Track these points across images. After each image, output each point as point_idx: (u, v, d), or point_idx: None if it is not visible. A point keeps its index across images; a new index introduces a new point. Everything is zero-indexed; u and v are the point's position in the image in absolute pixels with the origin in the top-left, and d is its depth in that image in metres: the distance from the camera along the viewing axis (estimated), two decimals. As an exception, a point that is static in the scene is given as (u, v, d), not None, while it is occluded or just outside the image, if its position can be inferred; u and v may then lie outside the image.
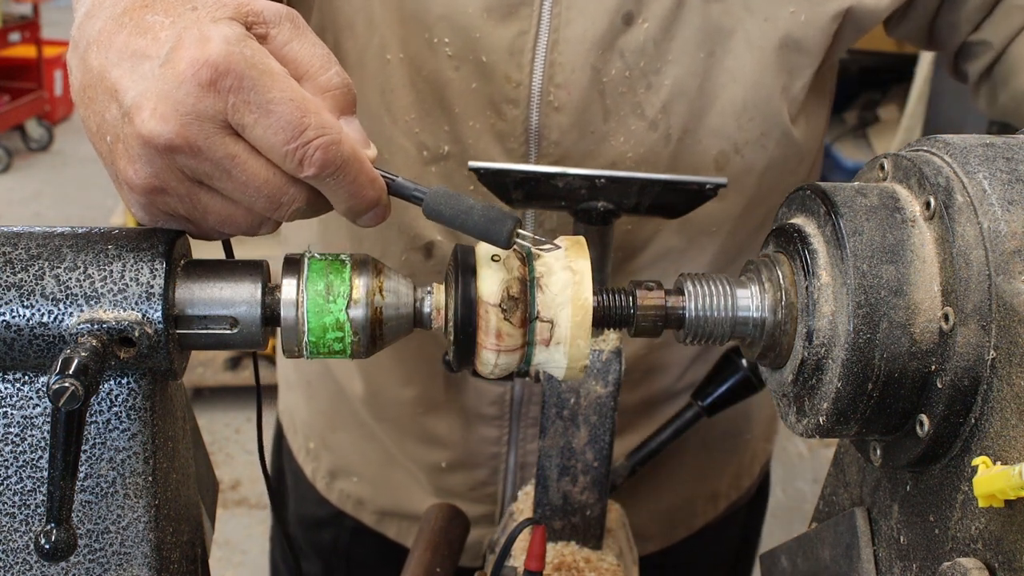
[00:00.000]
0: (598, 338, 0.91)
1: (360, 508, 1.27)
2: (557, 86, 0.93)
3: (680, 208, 0.92)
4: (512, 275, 0.57)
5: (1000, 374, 0.49)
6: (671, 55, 0.93)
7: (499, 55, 0.93)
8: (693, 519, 1.26)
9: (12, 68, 6.22)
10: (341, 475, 1.27)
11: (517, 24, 0.92)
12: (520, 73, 0.93)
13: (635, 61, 0.93)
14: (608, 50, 0.92)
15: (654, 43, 0.93)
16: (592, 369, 0.90)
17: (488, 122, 0.96)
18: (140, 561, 0.59)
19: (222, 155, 0.55)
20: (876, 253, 0.53)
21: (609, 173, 0.87)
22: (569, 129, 0.95)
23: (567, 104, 0.94)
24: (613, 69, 0.93)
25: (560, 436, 0.91)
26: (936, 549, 0.53)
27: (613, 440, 0.92)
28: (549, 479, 0.92)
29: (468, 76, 0.94)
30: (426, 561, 0.93)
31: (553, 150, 0.96)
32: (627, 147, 0.96)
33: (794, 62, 0.96)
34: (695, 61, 0.94)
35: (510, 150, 0.96)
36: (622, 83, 0.94)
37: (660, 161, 0.97)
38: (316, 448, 1.29)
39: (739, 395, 1.06)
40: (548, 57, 0.92)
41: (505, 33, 0.92)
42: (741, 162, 0.99)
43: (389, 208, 0.62)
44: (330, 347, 0.58)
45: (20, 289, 0.55)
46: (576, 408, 0.91)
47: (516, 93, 0.94)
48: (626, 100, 0.94)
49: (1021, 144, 0.54)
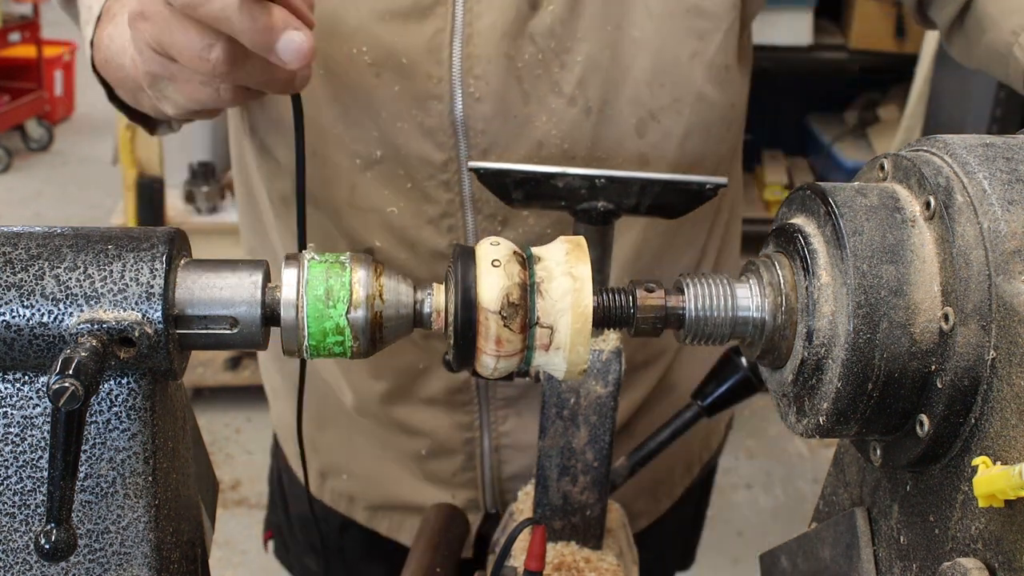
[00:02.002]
0: (598, 338, 0.91)
1: (352, 506, 1.29)
2: (476, 77, 0.96)
3: (680, 208, 0.92)
4: (512, 281, 0.57)
5: (1000, 374, 0.49)
6: (579, 33, 0.97)
7: (418, 54, 0.96)
8: (674, 488, 1.31)
9: (12, 68, 6.21)
10: (331, 474, 1.29)
11: (433, 23, 0.96)
12: (440, 69, 0.96)
13: (546, 43, 0.96)
14: (519, 36, 0.96)
15: (561, 23, 0.96)
16: (592, 369, 0.90)
17: (415, 120, 0.98)
18: (140, 561, 0.59)
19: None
20: (876, 253, 0.53)
21: (609, 173, 0.88)
22: (493, 117, 0.97)
23: (487, 93, 0.97)
24: (526, 54, 0.97)
25: (560, 436, 0.91)
26: (936, 549, 0.53)
27: (613, 440, 0.92)
28: (549, 479, 0.92)
29: (390, 80, 0.97)
30: (426, 561, 0.93)
31: (481, 139, 0.99)
32: (550, 125, 0.99)
33: (700, 27, 0.99)
34: (603, 35, 0.97)
35: (440, 144, 0.99)
36: (536, 66, 0.97)
37: (583, 135, 1.00)
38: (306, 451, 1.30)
39: (739, 395, 1.06)
40: (464, 50, 0.96)
41: (422, 33, 0.96)
42: (659, 128, 1.02)
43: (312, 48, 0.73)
44: (330, 350, 0.58)
45: (20, 289, 0.55)
46: (576, 408, 0.91)
47: (439, 88, 0.97)
48: (542, 81, 0.97)
49: (1021, 144, 0.54)
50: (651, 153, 1.03)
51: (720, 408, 1.06)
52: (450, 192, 1.02)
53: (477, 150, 0.99)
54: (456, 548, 0.99)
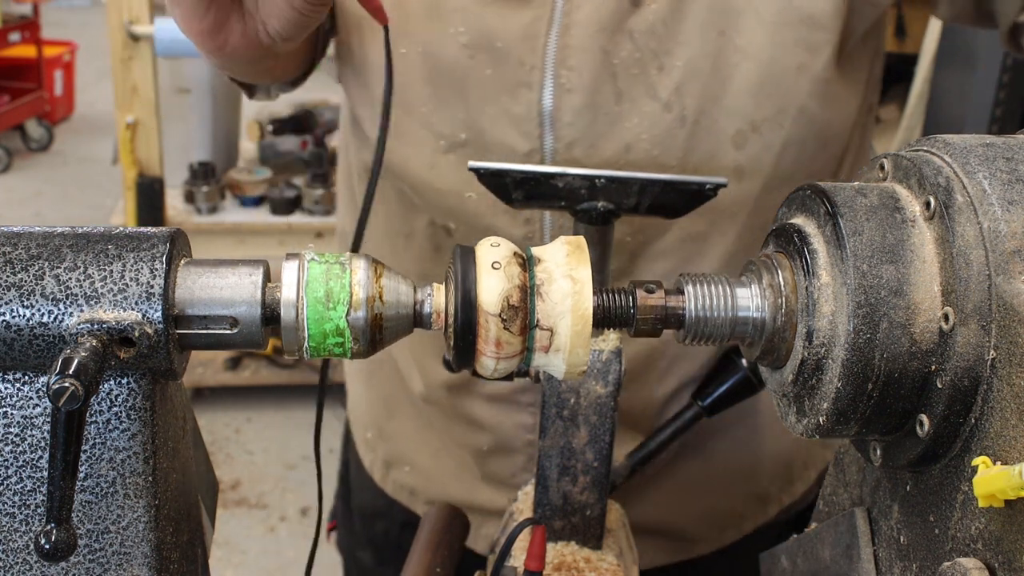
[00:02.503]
0: (598, 338, 0.91)
1: (413, 498, 1.29)
2: (569, 69, 0.95)
3: (680, 208, 0.92)
4: (512, 284, 0.57)
5: (1000, 374, 0.49)
6: (681, 36, 0.94)
7: (513, 40, 0.95)
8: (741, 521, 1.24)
9: (12, 68, 6.22)
10: (396, 464, 1.29)
11: (532, 10, 0.95)
12: (534, 57, 0.95)
13: (645, 43, 0.94)
14: (617, 32, 0.94)
15: (663, 24, 0.94)
16: (592, 369, 0.90)
17: (503, 107, 0.97)
18: (140, 561, 0.59)
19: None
20: (876, 253, 0.53)
21: (609, 173, 0.88)
22: (582, 110, 0.96)
23: (578, 86, 0.95)
24: (623, 51, 0.95)
25: (560, 436, 0.91)
26: (936, 549, 0.53)
27: (613, 440, 0.92)
28: (549, 479, 0.92)
29: (483, 63, 0.96)
30: (426, 561, 0.93)
31: (567, 132, 0.97)
32: (641, 129, 0.97)
33: (811, 38, 0.96)
34: (707, 41, 0.94)
35: (525, 133, 0.98)
36: (633, 65, 0.95)
37: (675, 143, 0.97)
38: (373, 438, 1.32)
39: (739, 395, 1.06)
40: (560, 41, 0.94)
41: (520, 19, 0.95)
42: (759, 140, 0.99)
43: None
44: (330, 351, 0.58)
45: (20, 289, 0.55)
46: (576, 408, 0.91)
47: (530, 76, 0.96)
48: (638, 82, 0.95)
49: (1021, 144, 0.54)
50: (748, 166, 1.00)
51: (720, 408, 1.06)
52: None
53: (562, 143, 0.98)
54: (456, 548, 0.99)
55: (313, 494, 3.26)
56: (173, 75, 3.51)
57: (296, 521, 3.15)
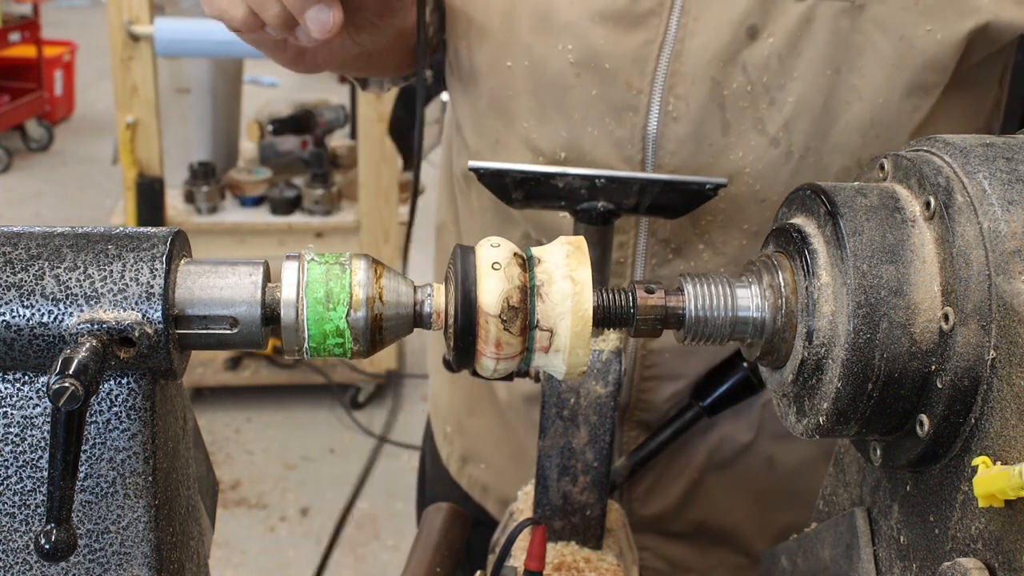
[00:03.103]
0: (598, 338, 0.91)
1: (485, 495, 1.29)
2: (677, 96, 0.94)
3: (680, 208, 0.92)
4: (512, 284, 0.57)
5: (1000, 374, 0.49)
6: (796, 71, 0.92)
7: (622, 62, 0.94)
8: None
9: (12, 68, 6.22)
10: (472, 460, 1.30)
11: (644, 33, 0.93)
12: (642, 81, 0.94)
13: (758, 76, 0.92)
14: (730, 63, 0.92)
15: (779, 58, 0.92)
16: (592, 369, 0.90)
17: (607, 129, 0.96)
18: (140, 561, 0.59)
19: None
20: (876, 253, 0.53)
21: (609, 173, 0.87)
22: (686, 140, 0.95)
23: (685, 115, 0.94)
24: (735, 83, 0.93)
25: (560, 436, 0.91)
26: (936, 549, 0.53)
27: (613, 440, 0.92)
28: (549, 479, 0.92)
29: (589, 82, 0.95)
30: (426, 561, 0.93)
31: (669, 159, 0.96)
32: (745, 162, 0.95)
33: (928, 80, 0.94)
34: (820, 78, 0.92)
35: (627, 157, 0.97)
36: (743, 97, 0.93)
37: (779, 178, 0.96)
38: (452, 432, 1.33)
39: (739, 395, 1.06)
40: (670, 67, 0.93)
41: (631, 41, 0.93)
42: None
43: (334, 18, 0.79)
44: (330, 351, 0.58)
45: (20, 289, 0.55)
46: (576, 408, 0.91)
47: (637, 100, 0.94)
48: (747, 115, 0.94)
49: (1021, 144, 0.54)
50: None
51: (720, 408, 1.06)
52: None
53: (663, 170, 0.96)
54: (456, 548, 0.99)
55: (313, 494, 3.26)
56: (173, 75, 3.52)
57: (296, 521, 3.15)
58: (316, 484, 3.32)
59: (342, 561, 3.00)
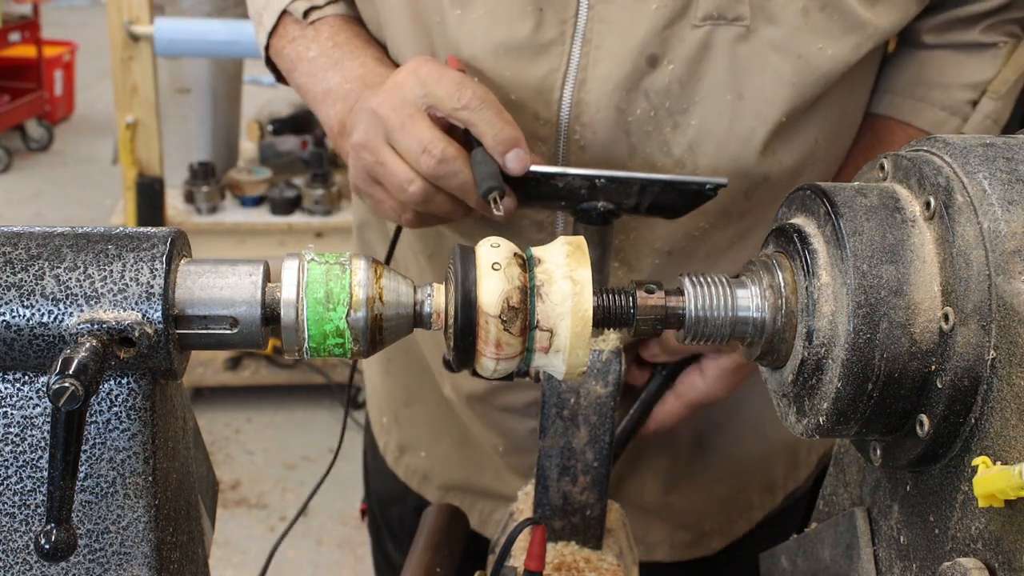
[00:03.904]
0: (598, 338, 0.91)
1: (425, 483, 1.31)
2: (583, 124, 0.95)
3: (680, 208, 0.92)
4: (512, 285, 0.57)
5: (1000, 374, 0.49)
6: (698, 95, 0.94)
7: (528, 93, 0.95)
8: (751, 511, 1.27)
9: (12, 68, 6.22)
10: (409, 450, 1.31)
11: (547, 63, 0.94)
12: (548, 111, 0.95)
13: (660, 102, 0.94)
14: (632, 91, 0.94)
15: (680, 84, 0.94)
16: (592, 369, 0.90)
17: None
18: (140, 561, 0.59)
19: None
20: (876, 253, 0.53)
21: (609, 173, 0.88)
22: (594, 167, 0.96)
23: (592, 142, 0.96)
24: (638, 109, 0.95)
25: (560, 436, 0.91)
26: (936, 549, 0.53)
27: (613, 440, 0.92)
28: (549, 479, 0.92)
29: None
30: (426, 561, 0.93)
31: None
32: None
33: (825, 95, 0.97)
34: (722, 102, 0.94)
35: None
36: (648, 122, 0.95)
37: None
38: (388, 423, 1.34)
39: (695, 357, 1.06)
40: (575, 96, 0.94)
41: (535, 71, 0.95)
42: (769, 190, 1.00)
43: (529, 157, 0.87)
44: (330, 351, 0.58)
45: (20, 289, 0.55)
46: (576, 408, 0.91)
47: (544, 130, 0.96)
48: (652, 139, 0.96)
49: (1021, 144, 0.54)
50: (754, 211, 1.01)
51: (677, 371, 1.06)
52: (542, 233, 1.01)
53: None
54: (456, 548, 0.99)
55: (313, 494, 3.26)
56: (173, 75, 3.51)
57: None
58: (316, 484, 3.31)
59: (342, 561, 2.99)
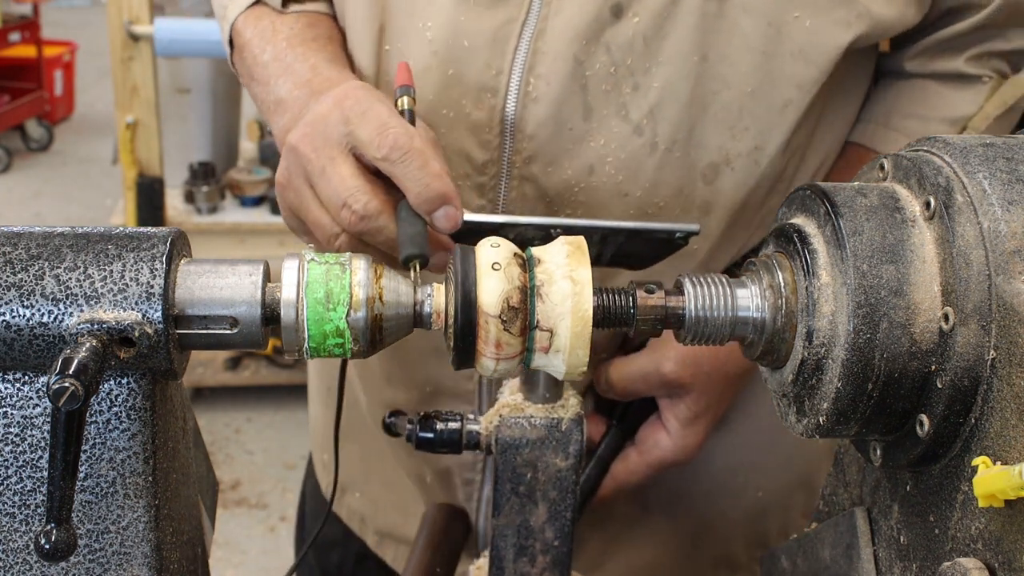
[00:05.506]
0: (556, 403, 0.84)
1: (364, 527, 1.23)
2: (537, 76, 0.90)
3: (647, 258, 0.86)
4: (513, 285, 0.57)
5: (1000, 374, 0.49)
6: (662, 55, 0.89)
7: (483, 40, 0.90)
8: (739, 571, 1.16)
9: (12, 68, 6.21)
10: (348, 489, 1.23)
11: (506, 11, 0.90)
12: (502, 60, 0.90)
13: (622, 57, 0.89)
14: (593, 42, 0.88)
15: (644, 40, 0.88)
16: (551, 440, 0.83)
17: (463, 111, 0.92)
18: (140, 561, 0.59)
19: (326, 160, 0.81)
20: (876, 253, 0.53)
21: (566, 222, 0.82)
22: (545, 122, 0.90)
23: (545, 95, 0.90)
24: (597, 63, 0.89)
25: (516, 514, 0.84)
26: (936, 549, 0.53)
27: (576, 516, 0.85)
28: (505, 559, 0.84)
29: (446, 60, 0.91)
30: (426, 561, 0.92)
31: (528, 145, 0.91)
32: (607, 150, 0.91)
33: (799, 74, 0.90)
34: (687, 63, 0.89)
35: (484, 142, 0.92)
36: (606, 80, 0.90)
37: (643, 170, 0.92)
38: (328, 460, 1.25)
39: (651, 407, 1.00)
40: (532, 45, 0.89)
41: (493, 18, 0.90)
42: (732, 176, 0.94)
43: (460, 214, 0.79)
44: (330, 351, 0.58)
45: (20, 289, 0.55)
46: (534, 484, 0.83)
47: (495, 81, 0.90)
48: (610, 99, 0.90)
49: (1021, 144, 0.54)
50: (716, 200, 0.94)
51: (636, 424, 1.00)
52: (483, 198, 0.94)
53: (521, 156, 0.92)
54: (456, 548, 0.98)
55: (313, 494, 3.26)
56: (173, 75, 3.51)
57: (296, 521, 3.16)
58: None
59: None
